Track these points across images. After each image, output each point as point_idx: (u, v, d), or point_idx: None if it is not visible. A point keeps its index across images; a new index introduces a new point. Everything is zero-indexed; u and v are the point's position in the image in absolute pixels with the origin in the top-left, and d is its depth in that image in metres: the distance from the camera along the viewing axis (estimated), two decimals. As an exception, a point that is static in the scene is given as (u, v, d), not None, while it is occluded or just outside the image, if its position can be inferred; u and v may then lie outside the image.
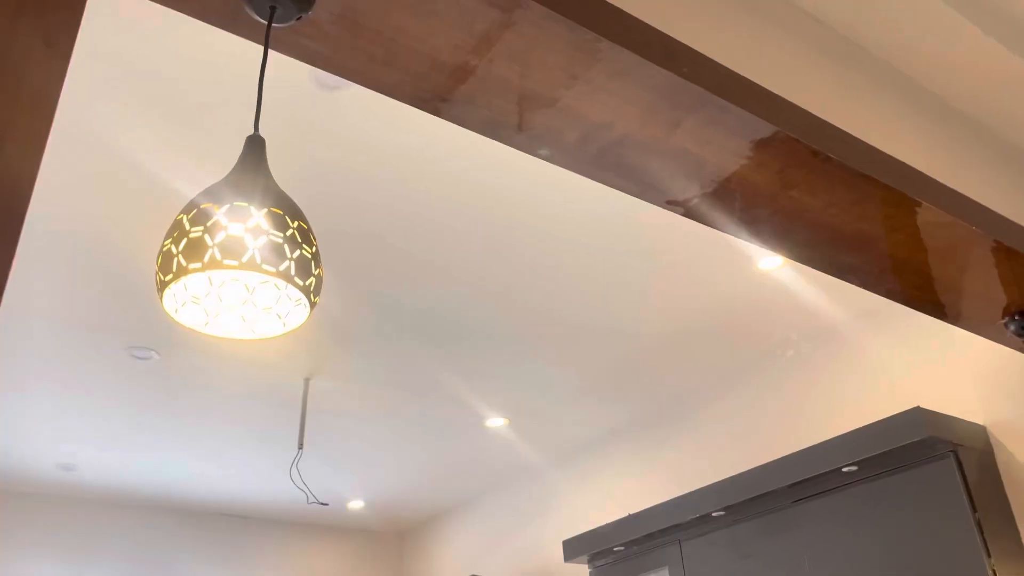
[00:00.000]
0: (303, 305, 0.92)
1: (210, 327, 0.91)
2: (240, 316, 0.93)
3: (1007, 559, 1.91)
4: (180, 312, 0.90)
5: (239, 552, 4.23)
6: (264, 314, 0.93)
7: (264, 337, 0.93)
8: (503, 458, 3.70)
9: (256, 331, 0.93)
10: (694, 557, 2.57)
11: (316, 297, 0.87)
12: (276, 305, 0.93)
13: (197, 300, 0.90)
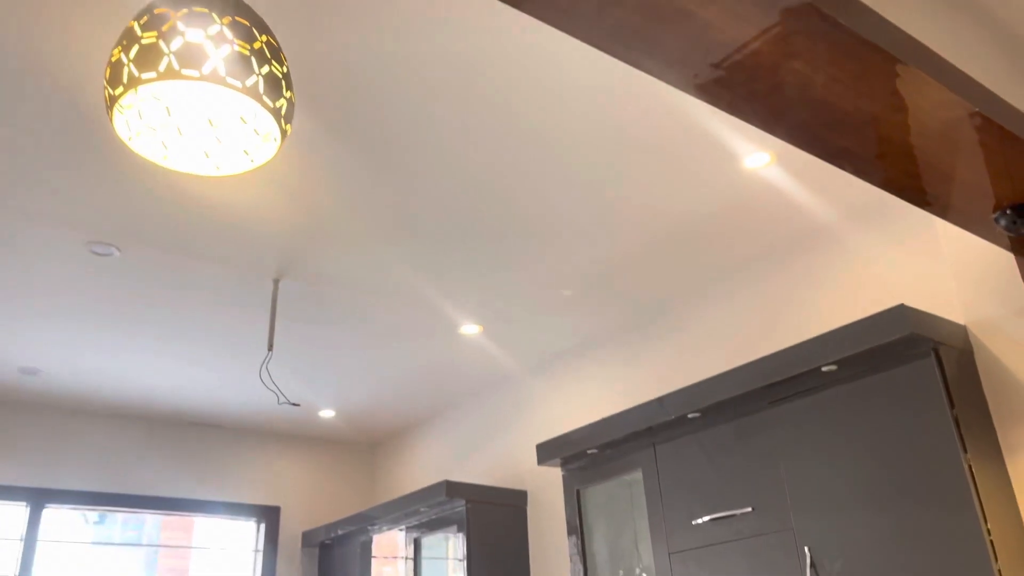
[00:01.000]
0: (272, 140, 0.83)
1: (170, 161, 0.82)
2: (203, 152, 0.84)
3: (982, 455, 1.92)
4: (135, 141, 0.81)
5: (211, 461, 4.20)
6: (229, 149, 0.84)
7: (230, 174, 0.84)
8: (477, 366, 3.67)
9: (221, 168, 0.84)
10: (668, 460, 2.57)
11: (287, 124, 0.78)
12: (242, 140, 0.84)
13: (153, 130, 0.81)
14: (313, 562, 4.35)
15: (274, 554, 4.23)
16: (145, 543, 4.05)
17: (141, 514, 4.03)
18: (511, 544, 3.45)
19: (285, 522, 4.32)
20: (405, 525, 3.67)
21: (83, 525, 3.94)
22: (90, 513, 4.01)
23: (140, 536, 4.13)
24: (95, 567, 3.85)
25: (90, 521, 4.00)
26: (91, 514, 4.02)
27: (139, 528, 4.11)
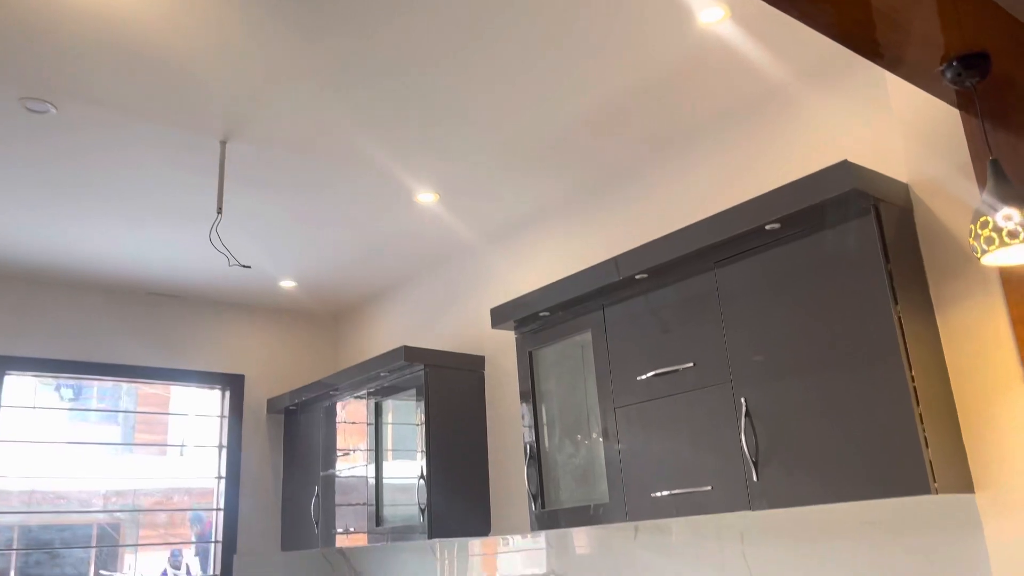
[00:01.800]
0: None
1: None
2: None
3: (912, 308, 1.98)
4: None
5: (173, 331, 4.22)
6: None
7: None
8: (435, 235, 3.67)
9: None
10: (616, 321, 2.62)
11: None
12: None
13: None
14: (279, 428, 4.46)
15: (239, 421, 4.32)
16: (120, 420, 4.12)
17: (105, 382, 4.07)
18: (469, 409, 3.55)
19: (250, 390, 4.40)
20: (366, 390, 3.75)
21: (58, 401, 3.99)
22: (65, 389, 4.05)
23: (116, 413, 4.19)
24: (71, 440, 3.92)
25: (65, 397, 4.04)
26: (66, 390, 4.06)
27: (115, 403, 4.17)
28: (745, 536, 2.50)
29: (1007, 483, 1.86)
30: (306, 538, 4.04)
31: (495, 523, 3.43)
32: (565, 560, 3.09)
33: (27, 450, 3.75)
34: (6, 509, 3.63)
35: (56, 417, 3.93)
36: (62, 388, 4.05)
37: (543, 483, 2.82)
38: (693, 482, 2.29)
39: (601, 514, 2.55)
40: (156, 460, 4.20)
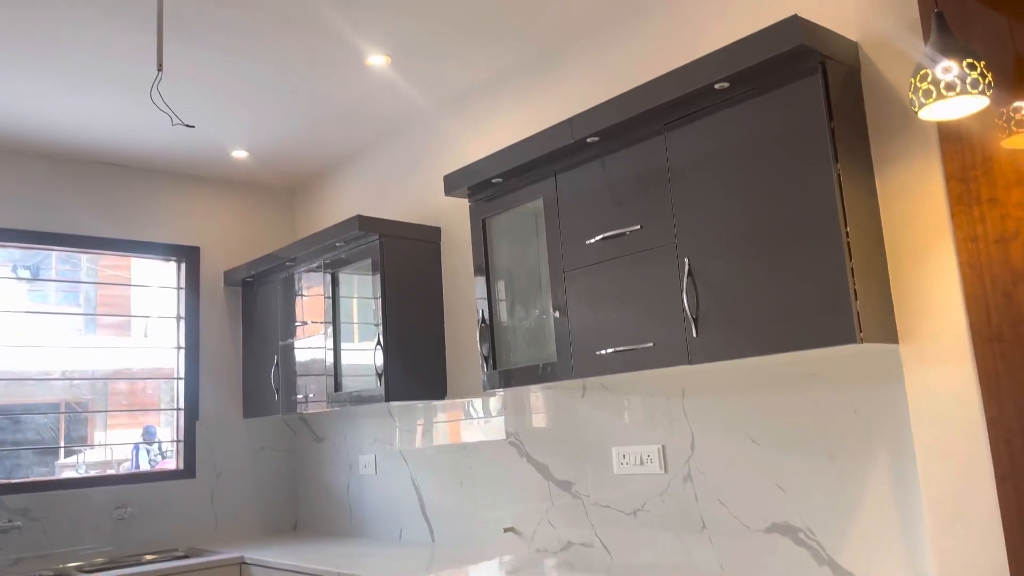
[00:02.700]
0: None
1: None
2: None
3: (853, 167, 2.01)
4: None
5: (124, 202, 4.14)
6: None
7: None
8: (389, 102, 3.59)
9: None
10: (568, 189, 2.63)
11: None
12: None
13: None
14: (236, 300, 4.47)
15: (196, 293, 4.32)
16: (81, 301, 4.09)
17: (63, 266, 4.02)
18: (425, 279, 3.58)
19: (206, 262, 4.38)
20: (322, 261, 3.75)
21: (16, 283, 3.93)
22: (23, 270, 3.99)
23: (76, 293, 4.16)
24: (31, 312, 3.90)
25: (23, 277, 3.98)
26: (23, 270, 4.00)
27: (75, 285, 4.12)
28: (687, 392, 2.61)
29: (929, 334, 1.95)
30: (267, 406, 4.13)
31: (451, 388, 3.53)
32: (518, 421, 3.20)
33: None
34: (-37, 377, 3.65)
35: (15, 296, 3.90)
36: (19, 268, 4.00)
37: (495, 346, 2.89)
38: (636, 339, 2.36)
39: (549, 372, 2.64)
40: (119, 340, 4.21)
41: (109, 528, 3.85)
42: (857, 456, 2.18)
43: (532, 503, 3.11)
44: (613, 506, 2.81)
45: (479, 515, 3.34)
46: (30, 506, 3.66)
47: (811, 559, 2.26)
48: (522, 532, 3.15)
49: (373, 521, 3.90)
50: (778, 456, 2.36)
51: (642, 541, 2.70)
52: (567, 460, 2.99)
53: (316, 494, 4.34)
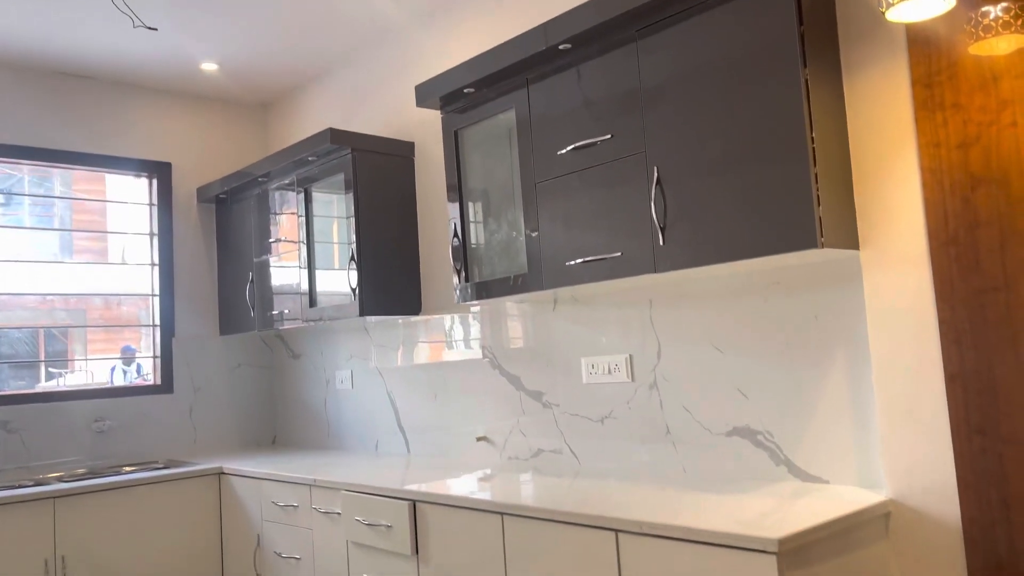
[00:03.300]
0: None
1: None
2: None
3: (821, 72, 2.00)
4: None
5: (93, 117, 4.06)
6: None
7: None
8: (361, 11, 3.51)
9: None
10: (540, 99, 2.61)
11: None
12: None
13: None
14: (210, 217, 4.44)
15: (169, 210, 4.29)
16: (56, 225, 4.03)
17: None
18: (399, 195, 3.56)
19: (178, 180, 4.33)
20: (295, 176, 3.72)
21: None
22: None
23: (51, 218, 4.09)
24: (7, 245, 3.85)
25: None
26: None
27: (48, 210, 4.06)
28: (654, 303, 2.65)
29: (888, 240, 1.98)
30: (243, 322, 4.15)
31: (426, 304, 3.56)
32: (491, 335, 3.25)
33: (-52, 233, 3.69)
34: (-66, 291, 3.63)
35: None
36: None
37: (467, 259, 2.91)
38: (605, 250, 2.38)
39: (520, 284, 2.66)
40: (95, 267, 4.17)
41: (88, 441, 3.90)
42: (816, 361, 2.24)
43: (504, 414, 3.18)
44: (581, 414, 2.88)
45: (453, 427, 3.41)
46: (9, 418, 3.70)
47: (769, 460, 2.35)
48: (494, 441, 3.23)
49: (350, 434, 3.98)
50: (741, 363, 2.42)
51: (609, 447, 2.78)
52: (538, 372, 3.05)
53: (294, 409, 4.40)
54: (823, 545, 1.81)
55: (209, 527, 3.62)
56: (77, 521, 3.27)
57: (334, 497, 2.98)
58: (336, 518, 2.96)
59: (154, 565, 3.45)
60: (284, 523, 3.25)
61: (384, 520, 2.70)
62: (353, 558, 2.88)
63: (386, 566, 2.73)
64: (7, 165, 3.88)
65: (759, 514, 1.89)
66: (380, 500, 2.72)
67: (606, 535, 2.03)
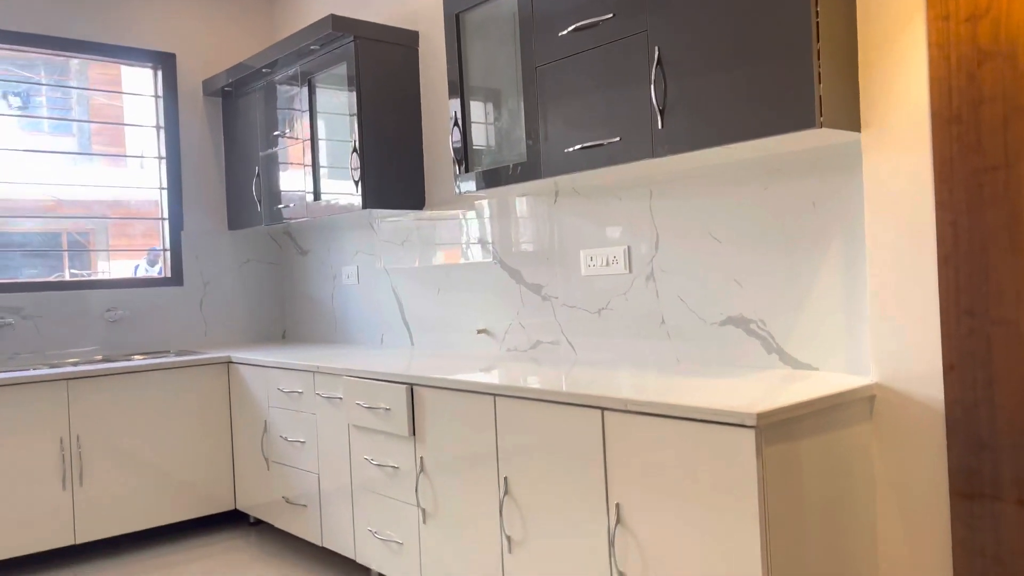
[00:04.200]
0: None
1: None
2: None
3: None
4: None
5: (95, 3, 3.99)
6: None
7: None
8: None
9: None
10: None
11: None
12: None
13: None
14: (216, 111, 4.41)
15: (175, 102, 4.25)
16: (75, 131, 4.00)
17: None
18: (403, 87, 3.50)
19: (183, 71, 4.28)
20: (299, 68, 3.66)
21: (7, 109, 3.84)
22: (13, 97, 3.88)
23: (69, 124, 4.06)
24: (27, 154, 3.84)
25: (14, 105, 3.88)
26: (14, 98, 3.89)
27: (66, 113, 4.02)
28: (654, 193, 2.62)
29: (891, 120, 1.93)
30: (250, 217, 4.17)
31: (430, 198, 3.55)
32: (493, 229, 3.24)
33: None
34: (-56, 178, 3.65)
35: (7, 127, 3.84)
36: (9, 96, 3.90)
37: (467, 149, 2.87)
38: (603, 135, 2.34)
39: (519, 173, 2.64)
40: (114, 170, 4.16)
41: (101, 329, 3.99)
42: (812, 249, 2.22)
43: (505, 307, 3.20)
44: (579, 307, 2.89)
45: (455, 320, 3.45)
46: (23, 305, 3.78)
47: (761, 348, 2.36)
48: (494, 334, 3.26)
49: (356, 329, 4.03)
50: (737, 252, 2.40)
51: (605, 338, 2.80)
52: (538, 265, 3.05)
53: (302, 305, 4.46)
54: (804, 423, 1.83)
55: (219, 413, 3.73)
56: (91, 403, 3.38)
57: (336, 383, 3.04)
58: (338, 403, 3.03)
59: (167, 447, 3.57)
60: (289, 409, 3.34)
61: (383, 404, 2.76)
62: (354, 440, 2.96)
63: (385, 447, 2.80)
64: (20, 57, 3.84)
65: (743, 394, 1.90)
66: (380, 384, 2.78)
67: (592, 413, 2.06)
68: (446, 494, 2.56)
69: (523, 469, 2.28)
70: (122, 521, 3.44)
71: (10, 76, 3.87)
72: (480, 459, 2.42)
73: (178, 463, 3.60)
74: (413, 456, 2.68)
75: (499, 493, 2.36)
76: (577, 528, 2.13)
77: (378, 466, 2.84)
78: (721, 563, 1.78)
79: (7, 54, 3.83)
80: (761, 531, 1.71)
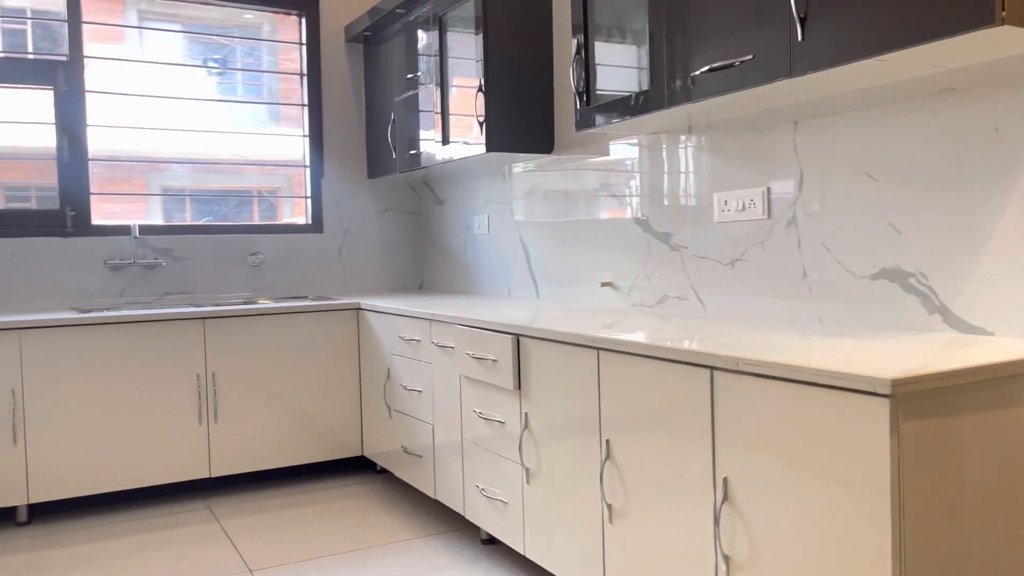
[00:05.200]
0: None
1: None
2: None
3: None
4: None
5: (238, -50, 4.05)
6: None
7: None
8: None
9: None
10: None
11: None
12: None
13: None
14: (358, 58, 4.38)
15: (317, 48, 4.27)
16: (265, 94, 4.13)
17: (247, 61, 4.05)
18: (533, 30, 3.28)
19: (325, 15, 4.28)
20: (431, 9, 3.53)
21: (207, 75, 4.02)
22: (211, 62, 4.06)
23: (260, 87, 4.20)
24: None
25: (213, 71, 4.06)
26: (212, 63, 4.07)
27: (258, 77, 4.16)
28: (799, 125, 2.26)
29: (1105, 13, 1.48)
30: (387, 165, 4.13)
31: (559, 142, 3.32)
32: (622, 174, 2.97)
33: (175, 113, 3.89)
34: (188, 179, 3.87)
35: (206, 87, 4.02)
36: (209, 61, 4.09)
37: (588, 80, 2.61)
38: (733, 53, 2.01)
39: (641, 104, 2.35)
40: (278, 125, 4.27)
41: (244, 272, 4.11)
42: (991, 186, 1.80)
43: (630, 258, 2.94)
44: (711, 257, 2.58)
45: (580, 271, 3.22)
46: (172, 247, 3.96)
47: (921, 307, 1.96)
48: (619, 287, 3.00)
49: (486, 280, 3.91)
50: (897, 192, 2.01)
51: (737, 293, 2.48)
52: (667, 211, 2.75)
53: (438, 255, 4.39)
54: (964, 396, 1.47)
55: (349, 359, 3.74)
56: (226, 342, 3.47)
57: (448, 332, 2.92)
58: (451, 352, 2.91)
59: (298, 390, 3.62)
60: (409, 357, 3.26)
61: (491, 355, 2.60)
62: (465, 391, 2.83)
63: (492, 400, 2.65)
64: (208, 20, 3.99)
65: (888, 359, 1.56)
66: (487, 334, 2.62)
67: (700, 373, 1.79)
68: (549, 453, 2.37)
69: (626, 432, 2.04)
70: (254, 458, 3.54)
71: (203, 42, 4.03)
72: (582, 418, 2.21)
73: (308, 406, 3.65)
74: (518, 411, 2.50)
75: (600, 456, 2.14)
76: (681, 503, 1.87)
77: (486, 420, 2.70)
78: (845, 556, 1.47)
79: (193, 13, 3.97)
80: (893, 521, 1.39)
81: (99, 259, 3.80)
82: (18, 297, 3.66)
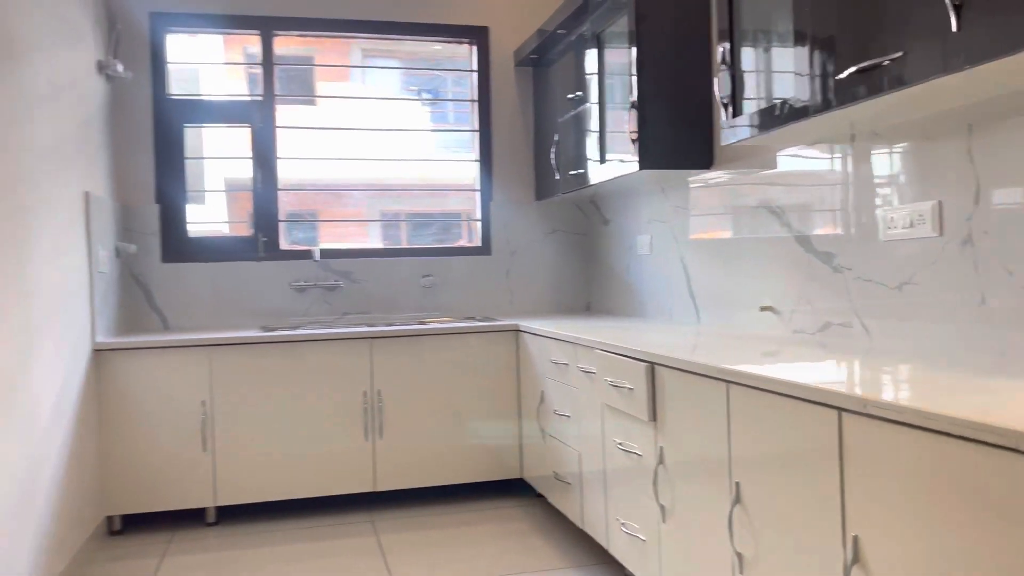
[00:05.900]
0: None
1: None
2: None
3: None
4: None
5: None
6: None
7: None
8: None
9: None
10: None
11: None
12: None
13: None
14: (527, 81, 4.42)
15: (487, 74, 4.35)
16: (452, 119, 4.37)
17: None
18: (690, 39, 3.12)
19: (495, 42, 4.36)
20: (589, 25, 3.47)
21: (420, 107, 4.33)
22: (424, 93, 4.36)
23: (466, 115, 4.45)
24: (332, 91, 4.30)
25: (425, 100, 4.36)
26: (425, 93, 4.37)
27: (461, 106, 4.41)
28: (974, 128, 1.95)
29: None
30: (551, 186, 4.11)
31: (719, 155, 3.13)
32: (781, 188, 2.74)
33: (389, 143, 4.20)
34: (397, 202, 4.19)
35: (419, 117, 4.32)
36: (422, 92, 4.40)
37: (735, 89, 2.43)
38: (880, 51, 1.78)
39: (787, 112, 2.15)
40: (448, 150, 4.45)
41: (416, 294, 4.26)
42: None
43: (790, 279, 2.69)
44: (875, 279, 2.29)
45: (739, 293, 3.00)
46: (351, 269, 4.19)
47: (1123, 343, 1.61)
48: (780, 311, 2.76)
49: (649, 302, 3.76)
50: (1093, 204, 1.66)
51: (906, 320, 2.18)
52: (830, 229, 2.49)
53: (603, 276, 4.31)
54: None
55: (508, 379, 3.75)
56: (391, 362, 3.61)
57: (592, 357, 2.83)
58: (593, 377, 2.82)
59: (460, 406, 3.69)
60: (559, 380, 3.21)
61: (627, 383, 2.48)
62: (606, 420, 2.73)
63: (631, 431, 2.53)
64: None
65: (1047, 405, 1.28)
66: (623, 360, 2.50)
67: (827, 414, 1.57)
68: (683, 491, 2.21)
69: (756, 473, 1.85)
70: (416, 475, 3.64)
71: (416, 75, 4.30)
72: (713, 456, 2.03)
73: (469, 425, 3.70)
74: (654, 444, 2.36)
75: (730, 500, 1.95)
76: (809, 558, 1.66)
77: (625, 452, 2.57)
78: (986, 648, 1.22)
79: (409, 49, 4.25)
80: (1046, 615, 1.13)
81: (285, 281, 4.11)
82: (218, 315, 4.03)
